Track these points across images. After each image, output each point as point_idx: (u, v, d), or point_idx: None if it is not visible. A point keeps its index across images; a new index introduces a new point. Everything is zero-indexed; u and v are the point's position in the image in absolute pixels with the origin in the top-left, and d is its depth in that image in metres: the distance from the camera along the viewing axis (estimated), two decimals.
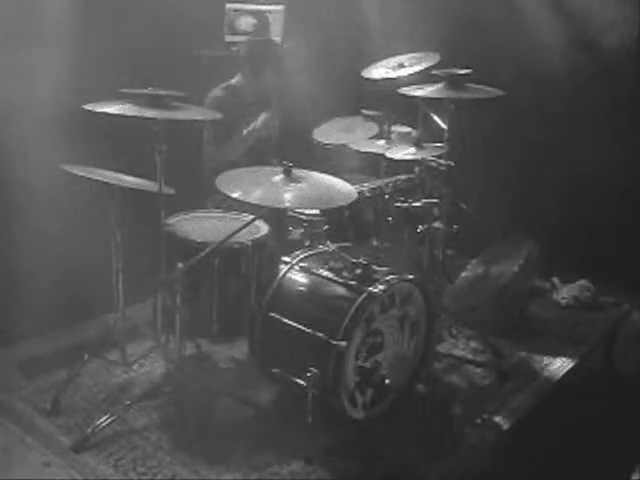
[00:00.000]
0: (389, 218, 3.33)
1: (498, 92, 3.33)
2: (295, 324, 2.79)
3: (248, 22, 4.51)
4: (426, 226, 3.31)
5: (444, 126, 3.36)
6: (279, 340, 2.87)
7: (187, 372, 2.91)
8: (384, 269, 2.90)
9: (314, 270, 2.93)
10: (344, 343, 2.65)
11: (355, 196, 2.72)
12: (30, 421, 2.85)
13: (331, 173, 2.86)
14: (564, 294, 4.21)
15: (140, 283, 2.97)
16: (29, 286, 3.26)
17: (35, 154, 3.37)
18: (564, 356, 3.60)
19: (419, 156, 3.29)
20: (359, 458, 2.73)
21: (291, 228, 3.39)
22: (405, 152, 3.32)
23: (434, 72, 3.33)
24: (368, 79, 3.64)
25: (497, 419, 3.04)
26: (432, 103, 3.39)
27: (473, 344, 3.59)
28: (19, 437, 2.76)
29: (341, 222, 3.28)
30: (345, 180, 2.82)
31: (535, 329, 3.88)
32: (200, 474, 2.61)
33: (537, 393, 3.28)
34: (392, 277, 2.84)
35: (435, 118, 3.40)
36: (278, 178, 2.64)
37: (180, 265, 2.71)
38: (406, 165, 3.42)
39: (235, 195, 2.53)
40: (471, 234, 3.54)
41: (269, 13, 4.57)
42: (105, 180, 2.75)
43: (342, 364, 2.66)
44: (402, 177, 3.47)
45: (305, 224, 3.32)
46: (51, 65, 3.44)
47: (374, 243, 3.31)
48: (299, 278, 2.94)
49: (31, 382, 3.09)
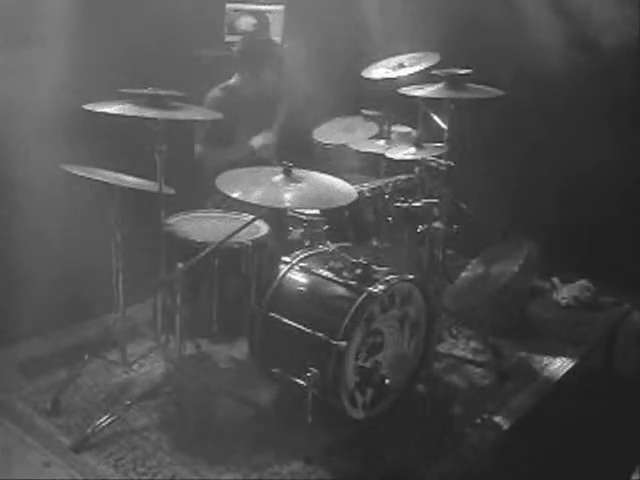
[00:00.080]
0: (389, 218, 3.33)
1: (498, 92, 3.33)
2: (295, 324, 2.79)
3: (248, 22, 4.52)
4: (426, 226, 3.31)
5: (444, 126, 3.36)
6: (279, 340, 2.87)
7: (187, 372, 2.91)
8: (384, 269, 2.90)
9: (314, 270, 2.93)
10: (344, 343, 2.65)
11: (355, 196, 2.72)
12: (30, 421, 2.85)
13: (331, 173, 2.86)
14: (564, 294, 4.20)
15: (140, 283, 2.97)
16: (29, 286, 3.26)
17: (35, 154, 3.37)
18: (564, 356, 3.60)
19: (419, 156, 3.29)
20: (359, 458, 2.73)
21: (291, 228, 3.39)
22: (405, 152, 3.32)
23: (434, 72, 3.34)
24: (368, 79, 3.64)
25: (497, 419, 3.05)
26: (432, 103, 3.39)
27: (473, 344, 3.59)
28: (19, 437, 2.76)
29: (341, 222, 3.27)
30: (345, 180, 2.82)
31: (535, 329, 3.88)
32: (200, 474, 2.61)
33: (537, 393, 3.28)
34: (392, 277, 2.84)
35: (435, 118, 3.40)
36: (278, 178, 2.64)
37: (180, 265, 2.71)
38: (406, 165, 3.42)
39: (235, 195, 2.53)
40: (471, 234, 3.54)
41: (269, 13, 4.58)
42: (105, 180, 2.75)
43: (342, 364, 2.66)
44: (402, 177, 3.47)
45: (305, 224, 3.32)
46: (51, 65, 3.44)
47: (374, 243, 3.30)
48: (299, 278, 2.94)
49: (31, 382, 3.09)
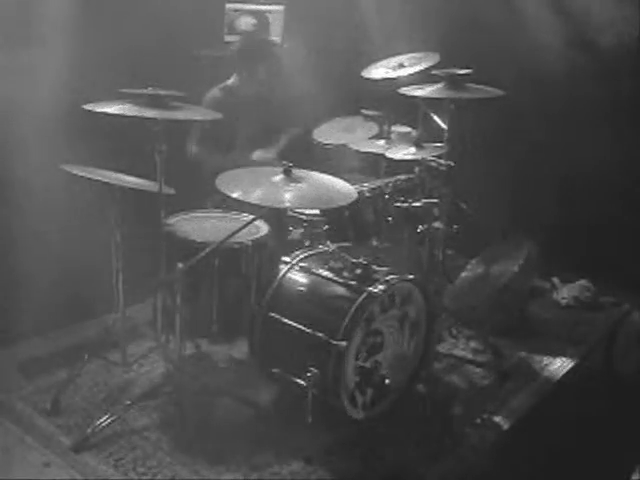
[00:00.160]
0: (389, 218, 3.33)
1: (498, 92, 3.33)
2: (295, 324, 2.79)
3: (248, 22, 4.52)
4: (426, 226, 3.31)
5: (444, 126, 3.36)
6: (279, 340, 2.87)
7: (187, 372, 2.91)
8: (384, 269, 2.90)
9: (314, 270, 2.93)
10: (344, 343, 2.65)
11: (355, 196, 2.72)
12: (30, 421, 2.85)
13: (331, 173, 2.86)
14: (564, 294, 4.20)
15: (140, 283, 2.97)
16: (29, 286, 3.26)
17: (35, 154, 3.37)
18: (564, 356, 3.60)
19: (419, 156, 3.29)
20: (359, 458, 2.73)
21: (291, 228, 3.38)
22: (405, 152, 3.32)
23: (434, 72, 3.34)
24: (368, 79, 3.64)
25: (497, 419, 3.04)
26: (432, 103, 3.39)
27: (473, 344, 3.59)
28: (19, 437, 2.76)
29: (341, 222, 3.27)
30: (345, 180, 2.82)
31: (535, 329, 3.87)
32: (200, 474, 2.61)
33: (537, 393, 3.28)
34: (392, 277, 2.84)
35: (435, 118, 3.40)
36: (278, 178, 2.64)
37: (180, 265, 2.71)
38: (406, 165, 3.42)
39: (235, 195, 2.53)
40: (471, 234, 3.54)
41: (269, 13, 4.58)
42: (105, 180, 2.75)
43: (342, 364, 2.66)
44: (402, 177, 3.47)
45: (305, 224, 3.31)
46: (51, 65, 3.45)
47: (374, 243, 3.30)
48: (299, 278, 2.94)
49: (31, 382, 3.09)
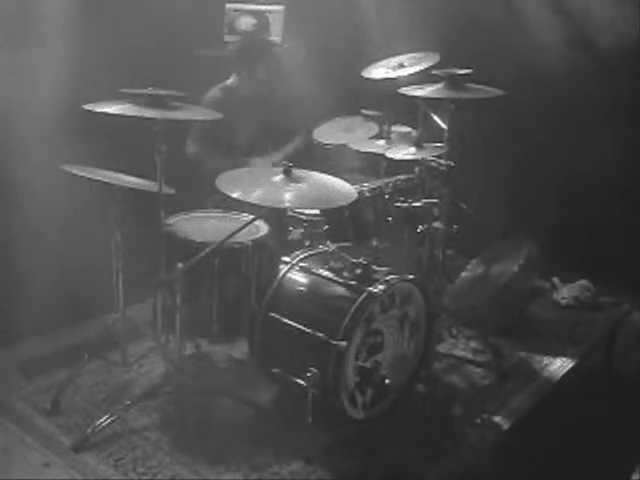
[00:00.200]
0: (389, 218, 3.33)
1: (498, 92, 3.33)
2: (295, 324, 2.79)
3: (248, 22, 4.52)
4: (426, 226, 3.31)
5: (444, 126, 3.36)
6: (279, 340, 2.87)
7: (187, 372, 2.91)
8: (384, 269, 2.90)
9: (314, 270, 2.93)
10: (344, 343, 2.65)
11: (355, 196, 2.72)
12: (30, 421, 2.85)
13: (331, 173, 2.86)
14: (564, 294, 4.20)
15: (140, 283, 2.97)
16: (29, 286, 3.25)
17: (35, 154, 3.37)
18: (564, 356, 3.60)
19: (419, 156, 3.29)
20: (359, 458, 2.73)
21: (291, 228, 3.39)
22: (405, 152, 3.32)
23: (434, 72, 3.34)
24: (368, 79, 3.64)
25: (497, 419, 3.04)
26: (432, 103, 3.39)
27: (473, 344, 3.59)
28: (19, 437, 2.76)
29: (341, 222, 3.27)
30: (345, 180, 2.82)
31: (535, 329, 3.87)
32: (200, 474, 2.61)
33: (537, 393, 3.28)
34: (392, 277, 2.84)
35: (435, 118, 3.40)
36: (278, 178, 2.64)
37: (180, 265, 2.71)
38: (406, 165, 3.42)
39: (235, 195, 2.53)
40: (471, 234, 3.54)
41: (269, 13, 4.58)
42: (105, 180, 2.75)
43: (342, 364, 2.66)
44: (402, 177, 3.47)
45: (305, 224, 3.32)
46: (51, 65, 3.45)
47: (374, 243, 3.30)
48: (299, 278, 2.94)
49: (31, 382, 3.09)
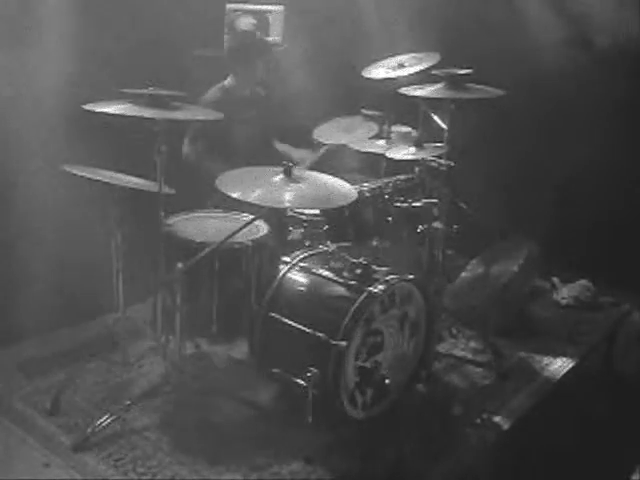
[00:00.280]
0: (389, 218, 3.33)
1: (498, 92, 3.33)
2: (295, 324, 2.79)
3: (248, 22, 4.51)
4: (426, 226, 3.32)
5: (444, 126, 3.36)
6: (279, 340, 2.87)
7: (187, 372, 2.91)
8: (384, 269, 2.90)
9: (314, 270, 2.93)
10: (344, 343, 2.65)
11: (355, 196, 2.72)
12: (30, 421, 2.85)
13: (331, 173, 2.86)
14: (564, 294, 4.20)
15: (140, 283, 2.97)
16: (29, 286, 3.26)
17: (35, 154, 3.37)
18: (564, 356, 3.60)
19: (419, 156, 3.29)
20: (359, 458, 2.73)
21: (291, 228, 3.39)
22: (405, 152, 3.32)
23: (434, 72, 3.33)
24: (368, 79, 3.64)
25: (497, 419, 3.04)
26: (432, 103, 3.38)
27: (473, 344, 3.59)
28: (19, 437, 2.76)
29: (341, 222, 3.27)
30: (345, 180, 2.82)
31: (535, 329, 3.87)
32: (200, 474, 2.61)
33: (537, 393, 3.28)
34: (392, 277, 2.84)
35: (435, 118, 3.40)
36: (278, 178, 2.64)
37: (180, 265, 2.71)
38: (406, 165, 3.42)
39: (235, 195, 2.53)
40: (471, 234, 3.53)
41: (269, 13, 4.57)
42: (105, 180, 2.75)
43: (342, 364, 2.66)
44: (402, 177, 3.47)
45: (305, 224, 3.32)
46: (51, 65, 3.44)
47: (374, 243, 3.30)
48: (299, 278, 2.94)
49: (31, 382, 3.09)
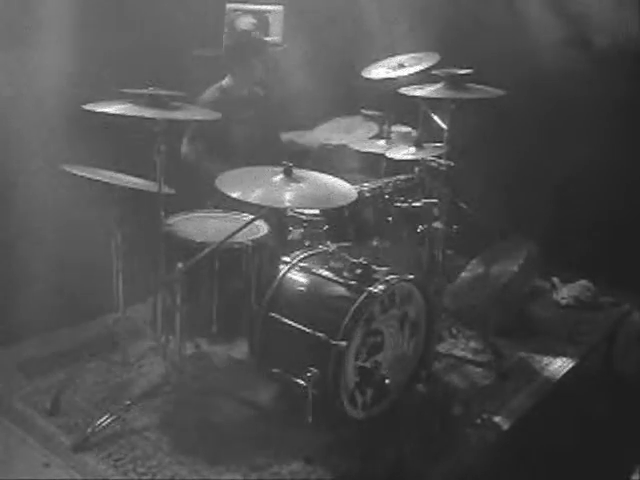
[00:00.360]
0: (389, 218, 3.33)
1: (498, 92, 3.33)
2: (295, 324, 2.79)
3: (248, 22, 4.51)
4: (426, 226, 3.32)
5: (444, 126, 3.36)
6: (279, 340, 2.87)
7: (187, 372, 2.91)
8: (384, 269, 2.90)
9: (314, 270, 2.93)
10: (344, 343, 2.65)
11: (355, 196, 2.72)
12: (30, 421, 2.85)
13: (331, 173, 2.86)
14: (564, 294, 4.20)
15: (140, 283, 2.97)
16: (29, 286, 3.26)
17: (35, 154, 3.37)
18: (564, 356, 3.60)
19: (419, 156, 3.29)
20: (359, 458, 2.73)
21: (291, 228, 3.39)
22: (405, 152, 3.32)
23: (434, 72, 3.34)
24: (368, 79, 3.64)
25: (497, 419, 3.04)
26: (432, 103, 3.39)
27: (473, 344, 3.58)
28: (19, 437, 2.76)
29: (341, 222, 3.28)
30: (345, 180, 2.82)
31: (535, 329, 3.87)
32: (200, 474, 2.61)
33: (537, 393, 3.28)
34: (392, 277, 2.84)
35: (435, 118, 3.40)
36: (278, 178, 2.64)
37: (180, 265, 2.71)
38: (406, 165, 3.42)
39: (235, 195, 2.53)
40: (471, 234, 3.54)
41: (269, 13, 4.57)
42: (105, 180, 2.75)
43: (342, 364, 2.66)
44: (402, 177, 3.47)
45: (305, 224, 3.32)
46: (51, 65, 3.44)
47: (374, 243, 3.31)
48: (299, 278, 2.94)
49: (31, 382, 3.09)
